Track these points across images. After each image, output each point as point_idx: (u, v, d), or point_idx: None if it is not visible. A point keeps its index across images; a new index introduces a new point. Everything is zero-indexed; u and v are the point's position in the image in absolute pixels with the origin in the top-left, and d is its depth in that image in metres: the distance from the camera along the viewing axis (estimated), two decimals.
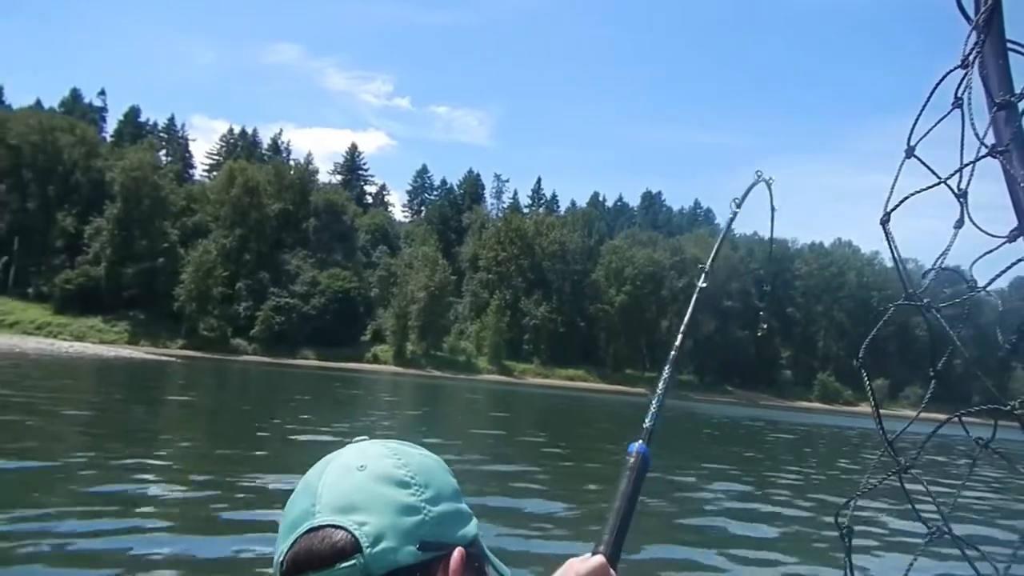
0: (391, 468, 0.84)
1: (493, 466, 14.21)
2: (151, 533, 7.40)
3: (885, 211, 0.88)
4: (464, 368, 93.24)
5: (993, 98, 0.83)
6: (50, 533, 7.04)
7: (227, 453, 13.64)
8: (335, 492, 0.81)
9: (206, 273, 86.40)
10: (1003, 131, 0.81)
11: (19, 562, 6.23)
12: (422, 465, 0.86)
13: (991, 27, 0.84)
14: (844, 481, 17.30)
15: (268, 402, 28.48)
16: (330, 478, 0.83)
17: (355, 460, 0.84)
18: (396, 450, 0.87)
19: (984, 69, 0.84)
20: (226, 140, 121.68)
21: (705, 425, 37.20)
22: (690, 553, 8.61)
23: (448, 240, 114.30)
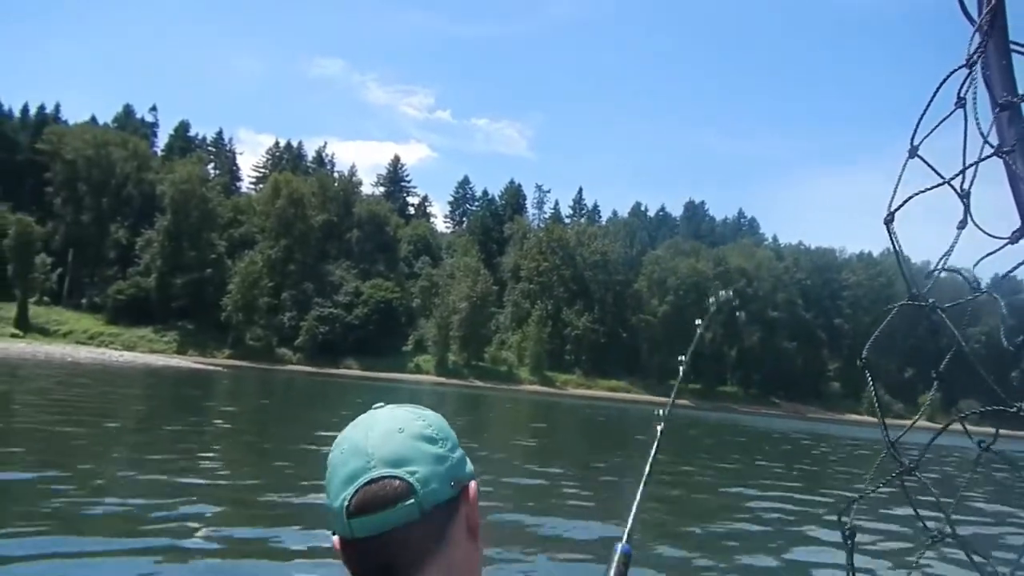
0: (422, 428, 1.08)
1: (532, 480, 14.12)
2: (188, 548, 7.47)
3: (888, 211, 0.89)
4: (506, 378, 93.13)
5: (996, 99, 0.83)
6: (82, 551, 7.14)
7: (273, 464, 13.77)
8: (385, 451, 1.03)
9: (252, 283, 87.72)
10: (1006, 132, 0.82)
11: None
12: (439, 423, 1.12)
13: (994, 28, 0.84)
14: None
15: (313, 412, 28.75)
16: (376, 440, 1.05)
17: (392, 424, 1.08)
18: (419, 413, 1.12)
19: (987, 70, 0.85)
20: (272, 153, 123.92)
21: (764, 440, 36.57)
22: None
23: (489, 251, 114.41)
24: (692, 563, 8.40)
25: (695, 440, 31.02)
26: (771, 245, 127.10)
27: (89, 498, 8.76)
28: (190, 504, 8.91)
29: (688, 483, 15.76)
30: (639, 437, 31.22)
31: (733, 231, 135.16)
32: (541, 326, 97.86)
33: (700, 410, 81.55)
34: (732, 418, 63.53)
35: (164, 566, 6.49)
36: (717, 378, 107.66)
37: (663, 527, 10.25)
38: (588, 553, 8.46)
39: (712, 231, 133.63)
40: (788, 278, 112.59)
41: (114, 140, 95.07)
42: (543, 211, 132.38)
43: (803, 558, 9.05)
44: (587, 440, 27.98)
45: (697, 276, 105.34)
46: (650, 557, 8.18)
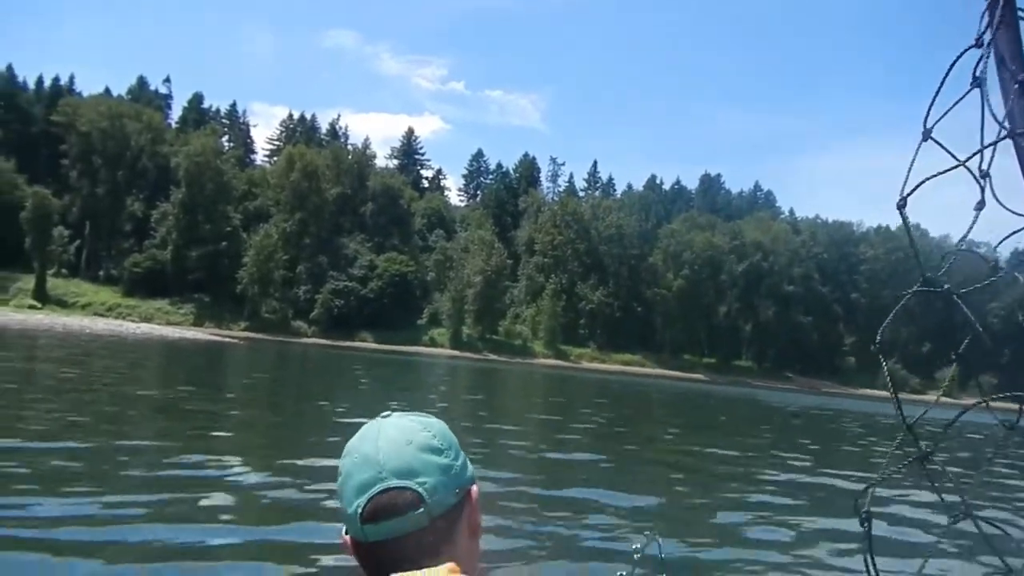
0: (429, 440, 1.17)
1: (559, 454, 14.03)
2: (210, 523, 7.38)
3: (901, 195, 0.88)
4: (520, 352, 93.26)
5: (1014, 77, 0.82)
6: (114, 516, 7.08)
7: (290, 436, 13.73)
8: (396, 462, 1.13)
9: (267, 256, 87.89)
10: (1021, 111, 0.80)
11: (87, 543, 6.28)
12: (443, 432, 1.20)
13: (1008, 4, 0.83)
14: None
15: (330, 385, 28.80)
16: (387, 452, 1.14)
17: (400, 436, 1.17)
18: (424, 423, 1.21)
19: (1000, 49, 0.83)
20: (286, 126, 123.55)
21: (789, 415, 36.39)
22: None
23: (504, 224, 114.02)
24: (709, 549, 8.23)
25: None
26: (787, 219, 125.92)
27: (99, 488, 8.69)
28: (208, 491, 8.82)
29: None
30: (722, 418, 31.15)
31: (749, 204, 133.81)
32: (555, 300, 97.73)
33: (716, 384, 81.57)
34: (750, 392, 63.32)
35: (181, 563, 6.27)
36: (732, 352, 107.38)
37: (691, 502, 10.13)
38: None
39: (728, 204, 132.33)
40: (805, 252, 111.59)
41: (128, 112, 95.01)
42: (557, 184, 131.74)
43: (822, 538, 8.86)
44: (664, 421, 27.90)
45: (713, 250, 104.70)
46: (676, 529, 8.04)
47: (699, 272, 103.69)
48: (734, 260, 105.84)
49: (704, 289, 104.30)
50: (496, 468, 11.05)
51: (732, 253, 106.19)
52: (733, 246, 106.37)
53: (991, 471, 14.55)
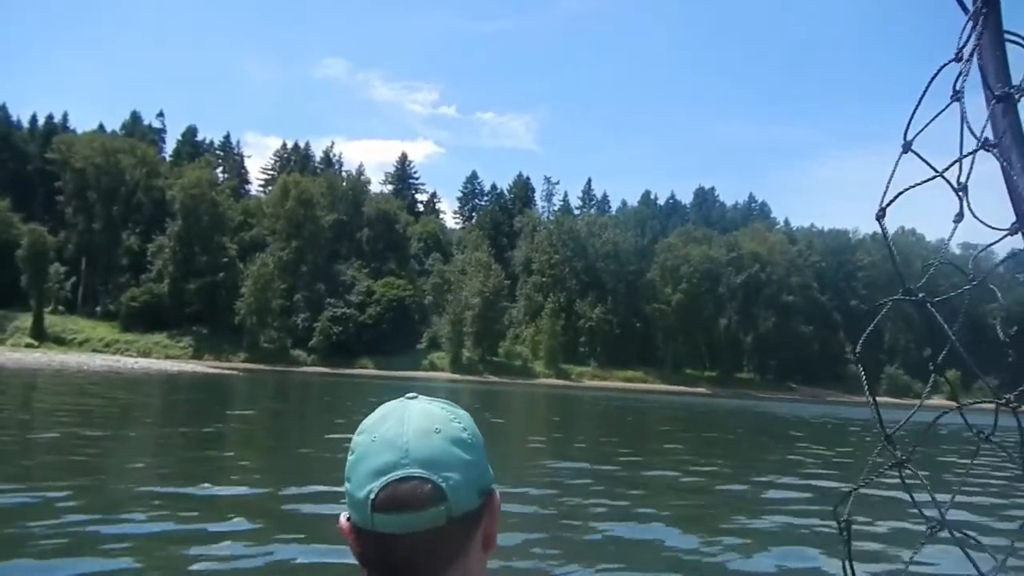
0: (459, 432, 1.06)
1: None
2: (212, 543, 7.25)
3: (880, 206, 0.87)
4: (521, 373, 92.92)
5: (991, 90, 0.82)
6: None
7: (293, 466, 13.53)
8: (422, 451, 1.02)
9: (264, 286, 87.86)
10: (1000, 124, 0.81)
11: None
12: (472, 427, 1.10)
13: (989, 18, 0.83)
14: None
15: (330, 413, 28.56)
16: (413, 438, 1.03)
17: (429, 423, 1.06)
18: (455, 413, 1.10)
19: (982, 61, 0.83)
20: (280, 155, 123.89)
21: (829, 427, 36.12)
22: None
23: (500, 245, 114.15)
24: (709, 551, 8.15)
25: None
26: (783, 229, 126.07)
27: (101, 514, 8.51)
28: (215, 520, 8.65)
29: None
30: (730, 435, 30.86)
31: (744, 216, 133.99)
32: (554, 319, 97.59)
33: (718, 397, 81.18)
34: (752, 404, 62.97)
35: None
36: (734, 364, 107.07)
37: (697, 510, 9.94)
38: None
39: (723, 217, 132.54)
40: (802, 261, 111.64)
41: (122, 147, 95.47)
42: (552, 203, 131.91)
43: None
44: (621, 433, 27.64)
45: (710, 263, 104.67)
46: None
47: (697, 286, 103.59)
48: (732, 272, 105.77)
49: (703, 302, 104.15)
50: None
51: (730, 265, 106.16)
52: (730, 258, 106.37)
53: (970, 479, 14.42)
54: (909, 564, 0.95)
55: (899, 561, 7.62)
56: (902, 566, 5.15)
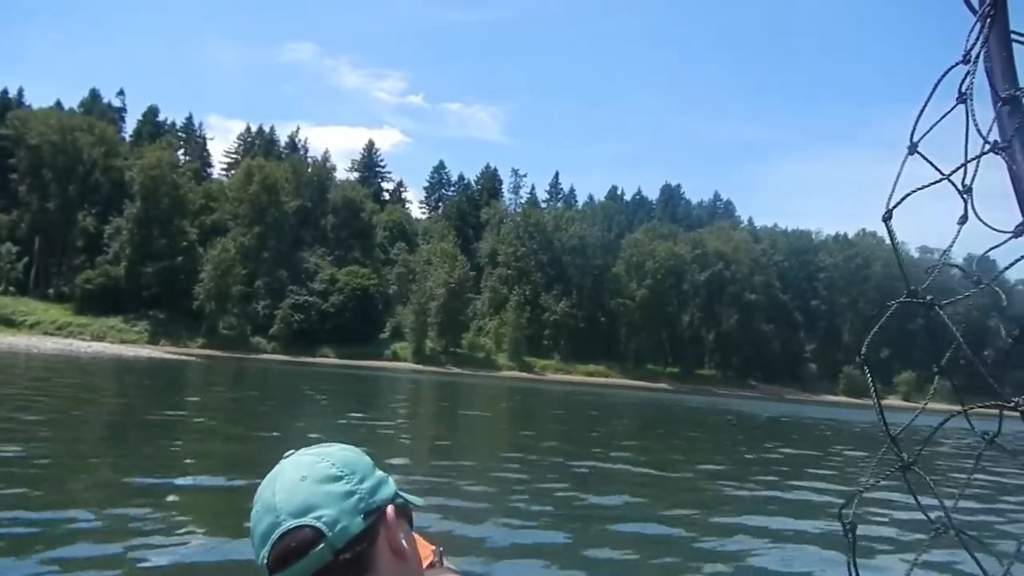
0: (324, 469, 1.10)
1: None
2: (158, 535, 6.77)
3: (887, 208, 0.87)
4: (484, 365, 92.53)
5: (998, 92, 0.82)
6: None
7: (245, 457, 12.95)
8: (291, 502, 1.07)
9: (225, 271, 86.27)
10: (1007, 126, 0.80)
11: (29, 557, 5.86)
12: (344, 458, 1.14)
13: (996, 19, 0.83)
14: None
15: (288, 403, 27.88)
16: (282, 493, 1.08)
17: (296, 473, 1.11)
18: (322, 454, 1.14)
19: (989, 63, 0.83)
20: (243, 139, 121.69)
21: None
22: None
23: (466, 236, 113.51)
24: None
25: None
26: (748, 228, 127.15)
27: (38, 512, 7.91)
28: (158, 517, 8.09)
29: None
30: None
31: (709, 214, 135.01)
32: (519, 311, 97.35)
33: (679, 393, 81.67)
34: (714, 401, 63.37)
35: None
36: (695, 361, 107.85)
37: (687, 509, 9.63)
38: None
39: (689, 214, 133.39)
40: (765, 260, 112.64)
41: (80, 125, 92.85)
42: (519, 196, 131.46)
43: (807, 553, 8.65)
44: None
45: (675, 259, 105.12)
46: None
47: (662, 282, 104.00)
48: (696, 269, 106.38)
49: (667, 299, 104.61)
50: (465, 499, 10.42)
51: (694, 262, 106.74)
52: (695, 255, 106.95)
53: (973, 481, 14.36)
54: (914, 565, 0.93)
55: (904, 563, 7.27)
56: (907, 567, 4.89)
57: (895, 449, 0.88)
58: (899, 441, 0.88)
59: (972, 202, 0.82)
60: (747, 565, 8.03)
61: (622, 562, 7.73)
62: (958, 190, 0.82)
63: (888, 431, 0.88)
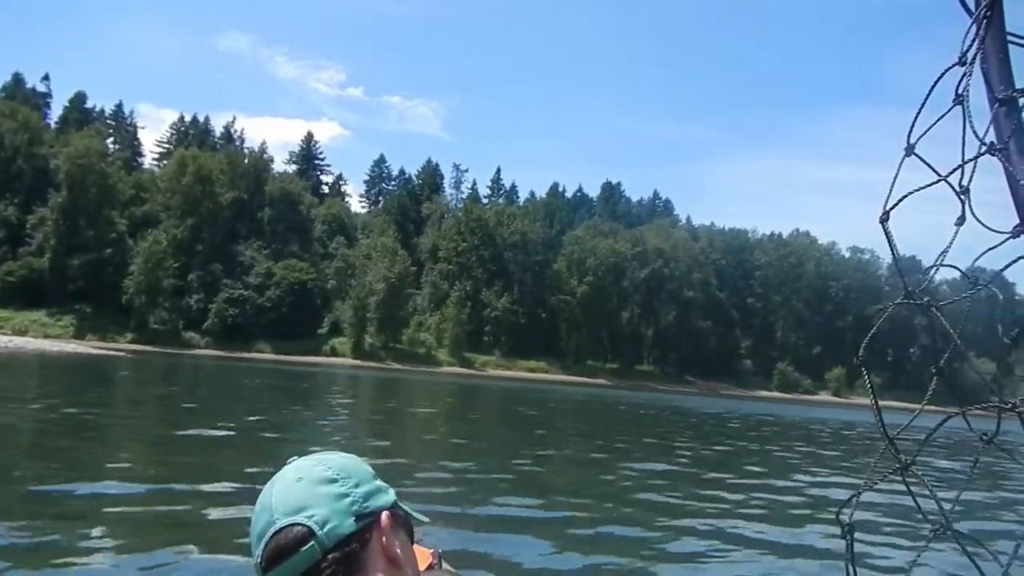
0: (321, 472, 1.14)
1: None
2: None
3: (884, 209, 0.87)
4: (424, 360, 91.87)
5: (994, 94, 0.82)
6: None
7: (175, 460, 12.30)
8: (285, 502, 1.10)
9: (156, 264, 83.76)
10: (1004, 127, 0.81)
11: None
12: (342, 463, 1.17)
13: (992, 21, 0.83)
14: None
15: (219, 400, 26.97)
16: (278, 494, 1.12)
17: (293, 475, 1.14)
18: (321, 459, 1.17)
19: (985, 64, 0.84)
20: (176, 128, 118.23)
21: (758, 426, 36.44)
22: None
23: (407, 231, 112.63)
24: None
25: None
26: (686, 226, 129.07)
27: None
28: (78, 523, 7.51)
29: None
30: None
31: (649, 212, 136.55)
32: (460, 307, 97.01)
33: (618, 389, 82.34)
34: (656, 397, 64.02)
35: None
36: (634, 357, 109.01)
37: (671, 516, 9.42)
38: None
39: (629, 212, 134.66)
40: (704, 259, 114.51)
41: (2, 110, 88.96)
42: (461, 191, 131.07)
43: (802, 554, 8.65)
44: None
45: (616, 257, 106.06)
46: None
47: (603, 278, 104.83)
48: (636, 267, 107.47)
49: (607, 295, 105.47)
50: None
51: (634, 260, 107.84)
52: (635, 253, 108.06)
53: (971, 481, 14.61)
54: (912, 566, 0.95)
55: (902, 563, 7.47)
56: (905, 568, 4.88)
57: (893, 450, 0.88)
58: (892, 439, 0.88)
59: (969, 203, 0.82)
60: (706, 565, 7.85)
61: (571, 561, 7.46)
62: (956, 191, 0.83)
63: (886, 432, 0.88)
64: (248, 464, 11.33)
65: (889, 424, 0.88)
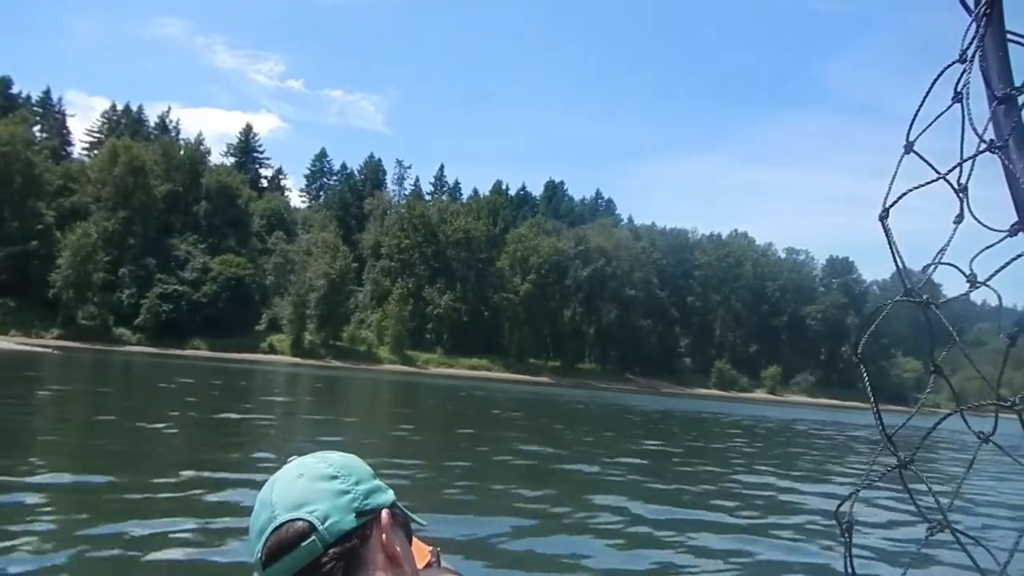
0: (322, 469, 1.14)
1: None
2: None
3: (884, 206, 0.87)
4: (365, 358, 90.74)
5: (993, 91, 0.83)
6: None
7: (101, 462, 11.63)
8: (286, 498, 1.10)
9: (85, 258, 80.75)
10: (1003, 125, 0.81)
11: None
12: (343, 461, 1.17)
13: (991, 19, 0.84)
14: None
15: (149, 399, 25.96)
16: (279, 490, 1.12)
17: (294, 472, 1.15)
18: (322, 457, 1.18)
19: (984, 62, 0.84)
20: (108, 117, 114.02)
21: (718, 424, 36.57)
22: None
23: (348, 227, 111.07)
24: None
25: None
26: (628, 225, 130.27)
27: None
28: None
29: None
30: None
31: (591, 211, 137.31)
32: (402, 304, 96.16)
33: (560, 387, 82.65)
34: (597, 395, 64.36)
35: None
36: (576, 355, 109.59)
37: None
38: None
39: (571, 211, 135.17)
40: (645, 258, 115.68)
41: None
42: (404, 187, 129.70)
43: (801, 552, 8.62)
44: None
45: (558, 255, 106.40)
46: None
47: (545, 277, 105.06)
48: (579, 265, 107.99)
49: (550, 294, 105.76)
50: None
51: (577, 258, 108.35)
52: (578, 251, 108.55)
53: (969, 479, 14.77)
54: (910, 564, 0.98)
55: (900, 561, 7.48)
56: (903, 565, 4.75)
57: (891, 448, 0.89)
58: (891, 438, 0.89)
59: (968, 201, 0.82)
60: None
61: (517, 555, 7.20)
62: (954, 189, 0.83)
63: (884, 430, 0.89)
64: (181, 467, 10.78)
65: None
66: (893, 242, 0.87)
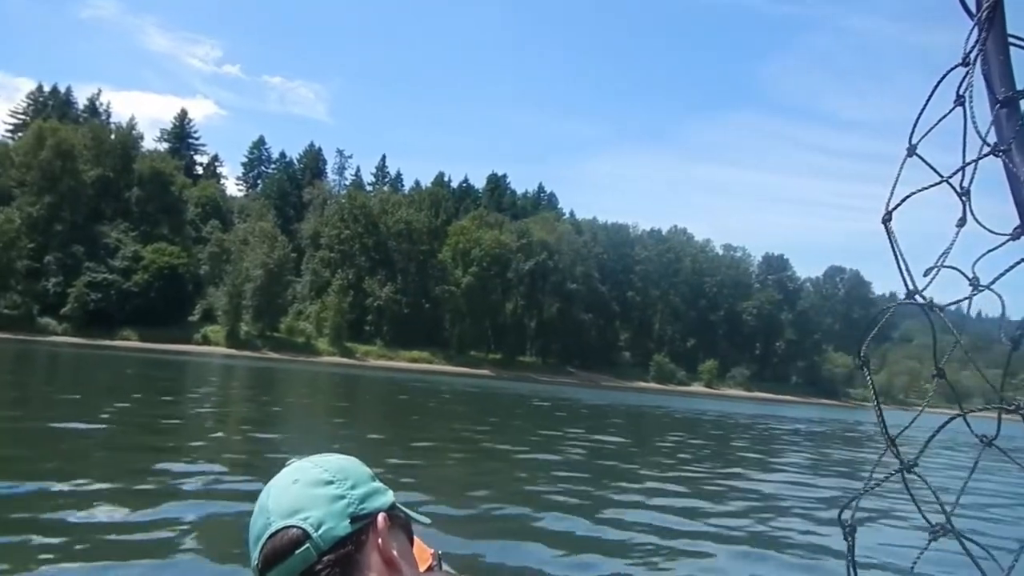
0: (317, 474, 1.13)
1: None
2: None
3: (887, 210, 0.86)
4: (303, 350, 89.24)
5: (995, 95, 0.83)
6: None
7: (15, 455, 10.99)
8: (281, 505, 1.09)
9: (8, 244, 77.75)
10: (1005, 129, 0.81)
11: None
12: (339, 465, 1.16)
13: (994, 22, 0.84)
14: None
15: (76, 391, 24.92)
16: (274, 497, 1.11)
17: (289, 478, 1.14)
18: (318, 461, 1.17)
19: (986, 65, 0.84)
20: (34, 98, 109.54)
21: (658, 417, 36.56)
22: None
23: (287, 216, 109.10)
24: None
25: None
26: (570, 219, 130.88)
27: None
28: None
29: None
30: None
31: (534, 205, 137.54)
32: (342, 295, 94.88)
33: (500, 379, 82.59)
34: (537, 388, 64.44)
35: None
36: (517, 348, 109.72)
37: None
38: None
39: (514, 204, 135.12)
40: (587, 252, 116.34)
41: None
42: (344, 177, 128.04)
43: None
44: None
45: (500, 248, 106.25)
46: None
47: (487, 269, 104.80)
48: (521, 258, 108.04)
49: (492, 286, 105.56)
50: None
51: (519, 251, 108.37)
52: (520, 245, 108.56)
53: (972, 483, 14.90)
54: (913, 567, 0.96)
55: (903, 566, 7.51)
56: (906, 569, 4.78)
57: (894, 451, 0.88)
58: (891, 440, 0.88)
59: (970, 205, 0.82)
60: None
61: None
62: (957, 192, 0.83)
63: (887, 432, 0.88)
64: (106, 465, 10.25)
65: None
66: (896, 245, 0.86)
